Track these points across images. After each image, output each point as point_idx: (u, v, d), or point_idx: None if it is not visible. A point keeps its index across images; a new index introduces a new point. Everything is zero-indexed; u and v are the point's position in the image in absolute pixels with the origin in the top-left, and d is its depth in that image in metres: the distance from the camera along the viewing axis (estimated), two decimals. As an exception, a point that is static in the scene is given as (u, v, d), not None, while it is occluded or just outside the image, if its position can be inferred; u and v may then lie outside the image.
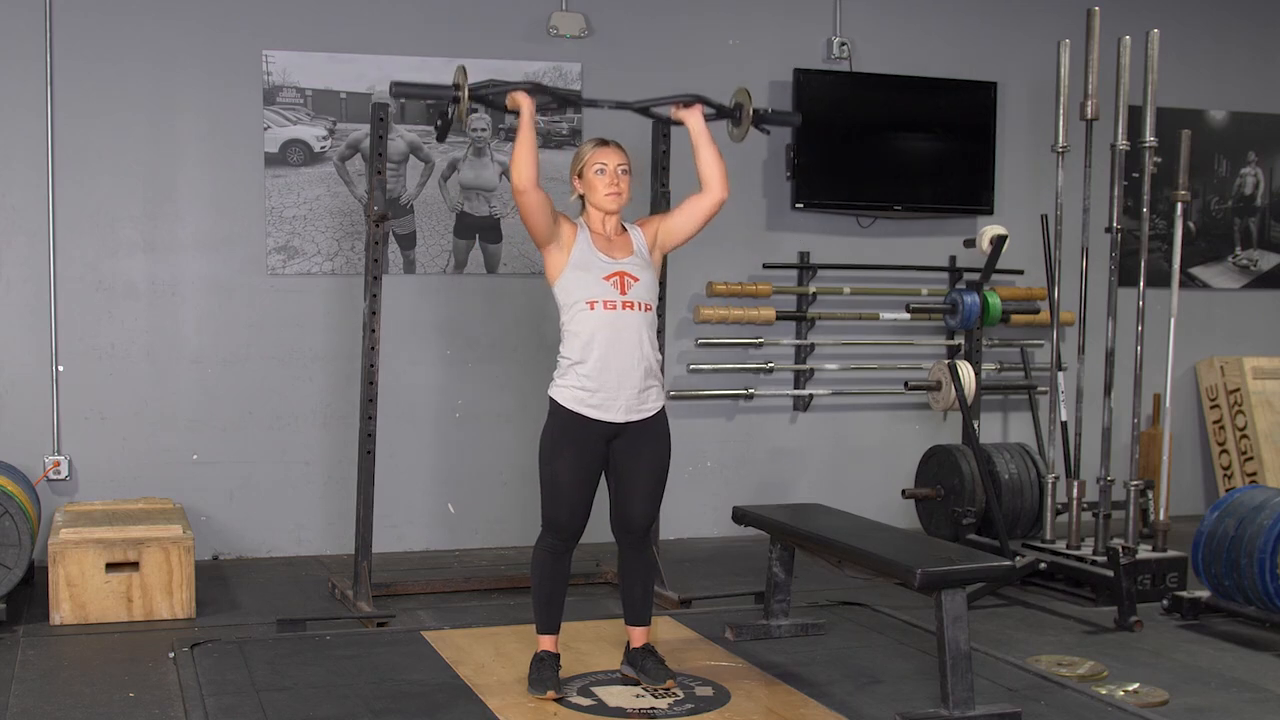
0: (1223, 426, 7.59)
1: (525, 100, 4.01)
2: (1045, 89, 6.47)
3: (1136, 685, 4.31)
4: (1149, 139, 5.59)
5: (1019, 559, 5.63)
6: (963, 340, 6.60)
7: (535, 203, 3.91)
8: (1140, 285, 5.66)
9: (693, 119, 4.16)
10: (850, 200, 6.98)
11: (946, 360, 6.05)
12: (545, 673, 4.10)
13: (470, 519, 6.60)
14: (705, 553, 6.52)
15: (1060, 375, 5.89)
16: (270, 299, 6.31)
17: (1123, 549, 5.26)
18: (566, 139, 6.57)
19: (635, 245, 4.10)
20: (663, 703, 4.03)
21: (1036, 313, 7.15)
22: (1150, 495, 5.81)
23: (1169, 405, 5.66)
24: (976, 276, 6.03)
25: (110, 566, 5.09)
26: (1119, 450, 6.46)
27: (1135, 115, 5.68)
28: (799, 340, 6.99)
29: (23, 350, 6.03)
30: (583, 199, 4.12)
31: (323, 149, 6.34)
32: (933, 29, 7.18)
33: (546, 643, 4.16)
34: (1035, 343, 7.32)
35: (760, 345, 6.93)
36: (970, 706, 3.81)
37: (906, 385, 6.28)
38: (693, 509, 6.79)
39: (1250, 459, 7.42)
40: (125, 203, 6.13)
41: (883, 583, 4.86)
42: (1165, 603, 5.34)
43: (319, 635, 4.78)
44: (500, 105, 4.09)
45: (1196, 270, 7.68)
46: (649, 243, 4.13)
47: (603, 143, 4.11)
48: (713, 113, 4.27)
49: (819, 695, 4.14)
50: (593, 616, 5.06)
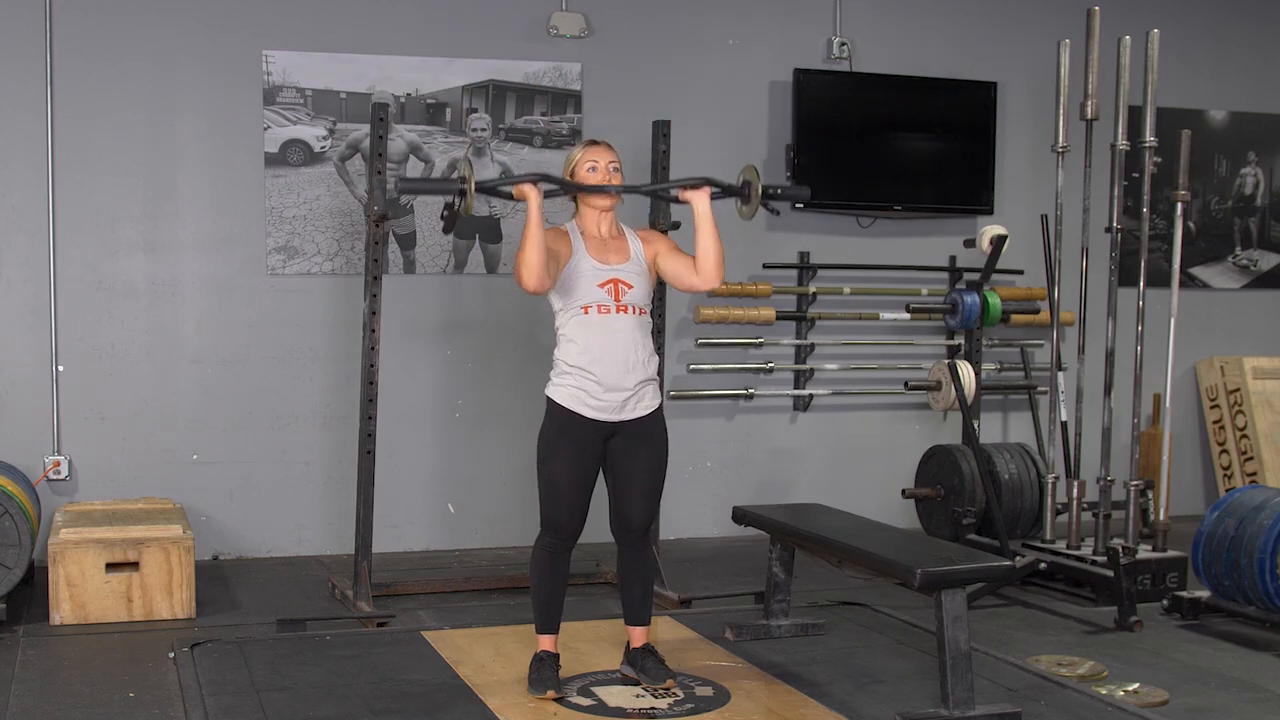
0: (1223, 426, 7.59)
1: (532, 192, 3.92)
2: (1045, 89, 6.47)
3: (1136, 685, 4.31)
4: (1149, 139, 5.59)
5: (1019, 559, 5.63)
6: (963, 340, 6.60)
7: (545, 288, 3.92)
8: (1140, 285, 5.66)
9: (699, 201, 4.06)
10: (850, 200, 6.98)
11: (946, 360, 6.05)
12: (545, 673, 4.10)
13: (470, 519, 6.60)
14: (705, 553, 6.52)
15: (1060, 375, 5.89)
16: (270, 299, 6.31)
17: (1123, 549, 5.26)
18: (566, 139, 6.57)
19: (633, 252, 4.10)
20: (663, 703, 4.03)
21: (1036, 313, 7.15)
22: (1150, 495, 5.81)
23: (1169, 405, 5.66)
24: (976, 276, 6.03)
25: (110, 566, 5.09)
26: (1119, 450, 6.46)
27: (1135, 115, 5.68)
28: (799, 340, 6.99)
29: (23, 350, 6.03)
30: (574, 198, 4.12)
31: (323, 149, 6.34)
32: (933, 29, 7.18)
33: (546, 643, 4.16)
34: (1035, 343, 7.32)
35: (760, 345, 6.93)
36: (970, 706, 3.81)
37: (906, 385, 6.28)
38: (693, 509, 6.79)
39: (1250, 459, 7.42)
40: (125, 203, 6.13)
41: (883, 583, 4.86)
42: (1165, 603, 5.34)
43: (319, 635, 4.78)
44: (507, 196, 4.06)
45: (1196, 270, 7.68)
46: (648, 258, 4.12)
47: (594, 142, 4.14)
48: (720, 192, 4.20)
49: (819, 695, 4.14)
50: (593, 616, 5.06)
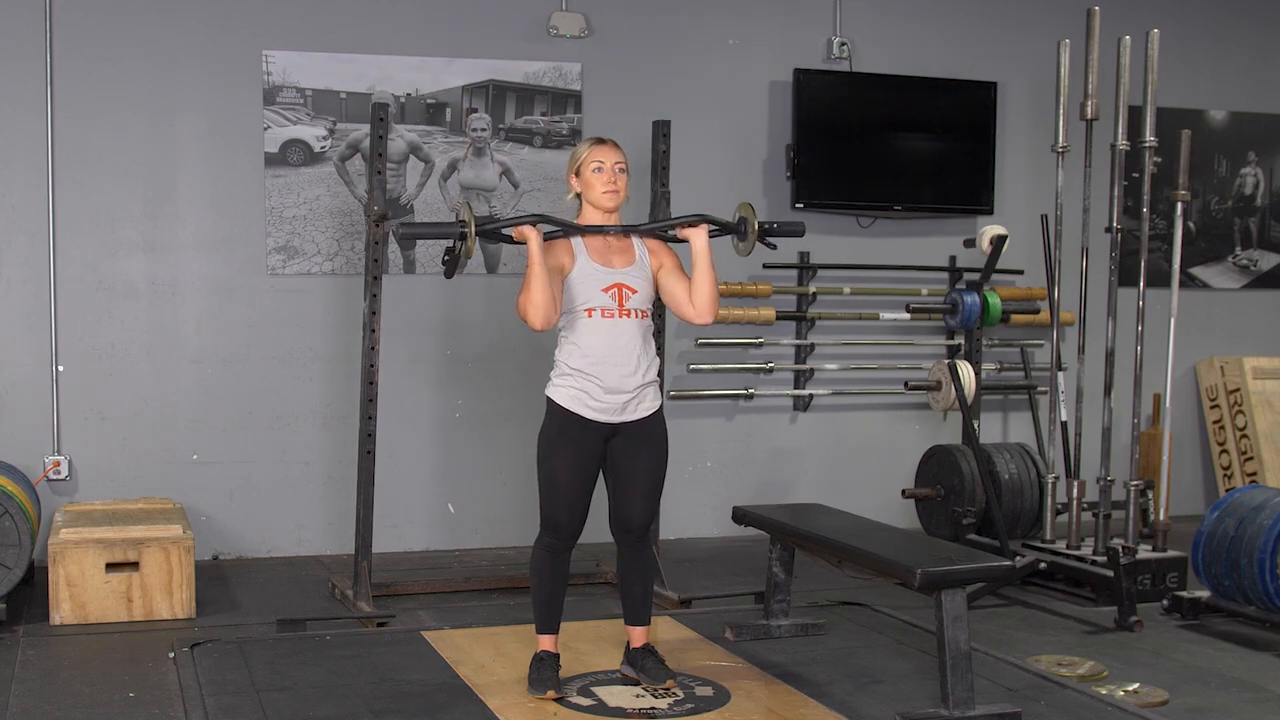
0: (1223, 426, 7.59)
1: (532, 234, 3.92)
2: (1045, 89, 6.47)
3: (1136, 685, 4.31)
4: (1149, 139, 5.59)
5: (1019, 559, 5.63)
6: (963, 340, 6.60)
7: (552, 322, 3.93)
8: (1140, 285, 5.66)
9: (697, 239, 4.07)
10: (850, 200, 6.98)
11: (946, 360, 6.05)
12: (545, 673, 4.10)
13: (470, 519, 6.60)
14: (705, 553, 6.52)
15: (1060, 375, 5.89)
16: (270, 299, 6.31)
17: (1123, 549, 5.26)
18: (566, 139, 6.57)
19: (638, 256, 4.09)
20: (663, 703, 4.03)
21: (1036, 313, 7.15)
22: (1150, 495, 5.81)
23: (1169, 405, 5.66)
24: (976, 276, 6.03)
25: (110, 566, 5.09)
26: (1119, 450, 6.46)
27: (1135, 115, 5.68)
28: (799, 340, 6.99)
29: (23, 350, 6.03)
30: (580, 197, 4.11)
31: (323, 149, 6.34)
32: (933, 29, 7.18)
33: (546, 643, 4.15)
34: (1035, 343, 7.32)
35: (760, 345, 6.93)
36: (970, 706, 3.81)
37: (906, 385, 6.28)
38: (693, 509, 6.79)
39: (1250, 459, 7.42)
40: (125, 203, 6.13)
41: (883, 583, 4.86)
42: (1165, 603, 5.34)
43: (319, 635, 4.78)
44: (506, 239, 4.06)
45: (1196, 270, 7.68)
46: (653, 267, 4.11)
47: (600, 141, 4.10)
48: (718, 230, 4.21)
49: (819, 695, 4.14)
50: (593, 616, 5.06)
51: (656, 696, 4.08)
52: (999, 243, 5.85)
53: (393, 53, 6.40)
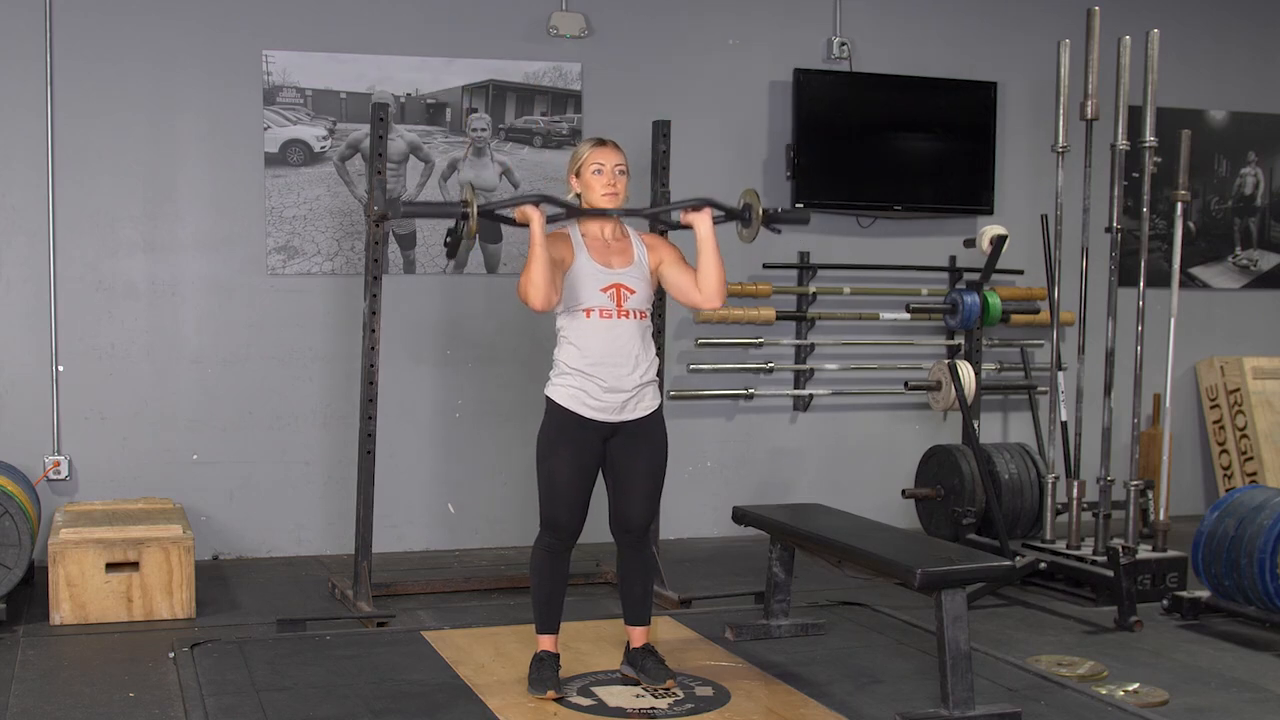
0: (1223, 426, 7.59)
1: (535, 214, 3.93)
2: (1045, 89, 6.47)
3: (1136, 685, 4.31)
4: (1149, 139, 5.59)
5: (1019, 559, 5.63)
6: (963, 340, 6.60)
7: (552, 304, 3.92)
8: (1140, 285, 5.66)
9: (701, 223, 4.08)
10: (850, 200, 6.98)
11: (946, 360, 6.05)
12: (545, 673, 4.10)
13: (470, 519, 6.60)
14: (705, 553, 6.52)
15: (1060, 375, 5.89)
16: (270, 299, 6.31)
17: (1123, 549, 5.26)
18: (566, 139, 6.57)
19: (636, 256, 4.09)
20: (663, 703, 4.03)
21: (1036, 313, 7.15)
22: (1150, 495, 5.81)
23: (1169, 405, 5.66)
24: (976, 276, 6.03)
25: (110, 566, 5.09)
26: (1119, 450, 6.46)
27: (1135, 115, 5.68)
28: (799, 340, 6.99)
29: (23, 350, 6.03)
30: (579, 198, 4.11)
31: (323, 149, 6.34)
32: (933, 29, 7.18)
33: (546, 643, 4.16)
34: (1035, 343, 7.32)
35: (760, 345, 6.93)
36: (970, 706, 3.81)
37: (906, 385, 6.28)
38: (693, 509, 6.79)
39: (1250, 459, 7.42)
40: (125, 203, 6.13)
41: (883, 583, 4.85)
42: (1165, 603, 5.34)
43: (319, 635, 4.78)
44: (509, 219, 4.06)
45: (1196, 270, 7.68)
46: (651, 265, 4.12)
47: (600, 142, 4.10)
48: (722, 215, 4.20)
49: (819, 695, 4.14)
50: (593, 616, 5.06)
51: (656, 696, 4.08)
52: (999, 243, 5.85)
53: (393, 53, 6.40)
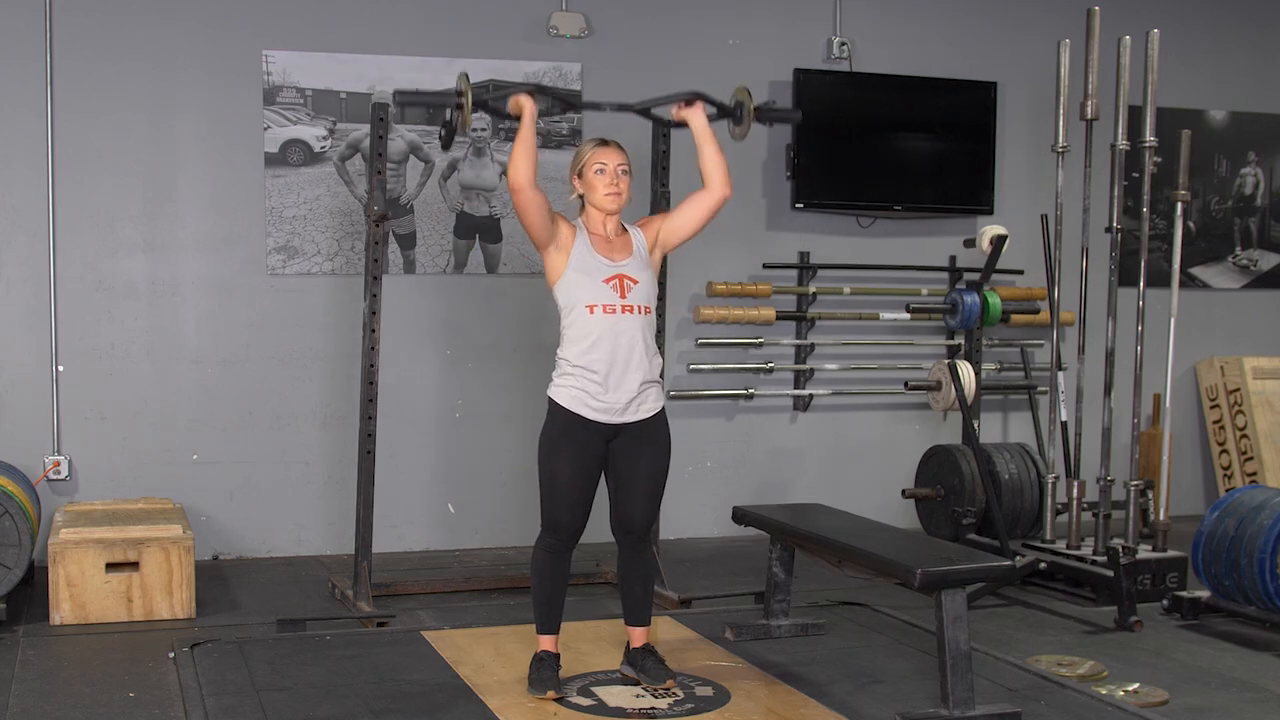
0: (1223, 426, 7.59)
1: (528, 103, 4.03)
2: (1045, 89, 6.46)
3: (1136, 685, 4.31)
4: (1149, 139, 5.59)
5: (1019, 559, 5.63)
6: (963, 340, 6.60)
7: (531, 201, 3.92)
8: (1140, 285, 5.66)
9: (695, 117, 4.18)
10: (850, 200, 6.98)
11: (946, 360, 6.05)
12: (545, 673, 4.10)
13: (470, 519, 6.60)
14: (705, 553, 6.52)
15: (1060, 375, 5.89)
16: (270, 299, 6.31)
17: (1123, 549, 5.26)
18: (566, 139, 6.57)
19: (635, 246, 4.10)
20: (663, 703, 4.03)
21: (1036, 313, 7.15)
22: (1150, 495, 5.81)
23: (1169, 405, 5.66)
24: (976, 276, 6.03)
25: (110, 566, 5.09)
26: (1119, 450, 6.46)
27: (1135, 115, 5.68)
28: (799, 340, 6.99)
29: (23, 350, 6.03)
30: (582, 199, 4.11)
31: (323, 149, 6.34)
32: (933, 29, 7.18)
33: (546, 643, 4.16)
34: (1035, 343, 7.32)
35: (760, 345, 6.93)
36: (970, 706, 3.81)
37: (906, 385, 6.28)
38: (693, 509, 6.79)
39: (1250, 459, 7.42)
40: (125, 203, 6.13)
41: (883, 583, 4.85)
42: (1165, 603, 5.34)
43: (319, 635, 4.78)
44: (503, 110, 4.10)
45: (1196, 270, 7.68)
46: (650, 242, 4.13)
47: (603, 142, 4.11)
48: (714, 111, 4.29)
49: (819, 695, 4.14)
50: (593, 616, 5.06)
51: (656, 696, 4.08)
52: (999, 243, 5.85)
53: (393, 53, 6.39)
